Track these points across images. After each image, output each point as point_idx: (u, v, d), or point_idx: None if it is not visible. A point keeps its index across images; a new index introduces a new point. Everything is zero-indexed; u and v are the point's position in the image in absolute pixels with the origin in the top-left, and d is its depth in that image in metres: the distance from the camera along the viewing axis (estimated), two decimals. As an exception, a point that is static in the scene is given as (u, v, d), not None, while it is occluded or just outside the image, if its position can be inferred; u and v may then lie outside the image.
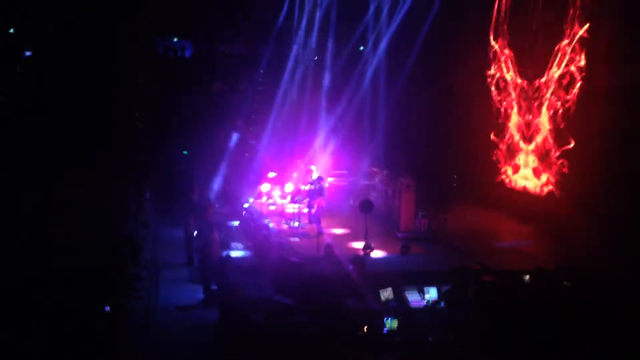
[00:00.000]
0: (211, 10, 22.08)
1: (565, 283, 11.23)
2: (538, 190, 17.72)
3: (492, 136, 19.93)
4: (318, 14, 22.30)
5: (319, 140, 20.59)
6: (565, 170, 16.56)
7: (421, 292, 11.72)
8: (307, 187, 16.49)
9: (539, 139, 17.86)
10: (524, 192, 18.19)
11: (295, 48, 22.38)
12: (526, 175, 18.47)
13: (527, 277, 11.53)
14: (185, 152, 19.99)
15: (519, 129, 18.85)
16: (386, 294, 11.60)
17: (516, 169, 19.06)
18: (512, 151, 19.23)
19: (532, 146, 18.24)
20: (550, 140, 17.27)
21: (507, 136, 19.54)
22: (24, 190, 10.94)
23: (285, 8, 22.91)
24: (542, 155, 17.64)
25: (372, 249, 14.07)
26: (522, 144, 18.82)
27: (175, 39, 22.81)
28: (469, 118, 20.03)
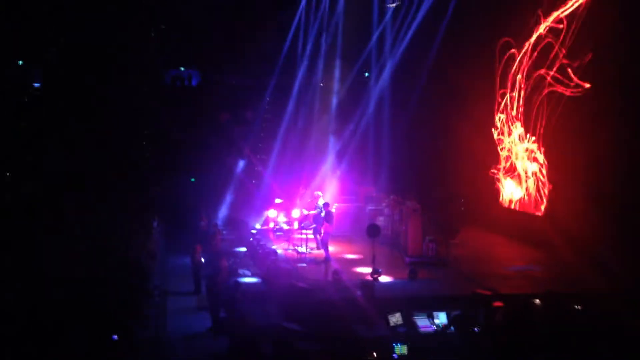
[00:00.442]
0: (218, 41, 22.42)
1: (576, 307, 11.11)
2: (542, 213, 17.82)
3: (498, 165, 20.18)
4: (323, 41, 22.47)
5: (326, 166, 20.74)
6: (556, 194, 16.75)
7: (430, 317, 11.60)
8: (313, 212, 16.56)
9: (536, 166, 18.04)
10: (529, 216, 18.24)
11: (300, 76, 22.58)
12: (531, 198, 18.54)
13: (538, 301, 11.28)
14: (192, 180, 19.95)
15: (526, 151, 18.96)
16: (395, 319, 11.47)
17: (524, 192, 19.14)
18: (515, 176, 19.38)
19: (531, 171, 18.41)
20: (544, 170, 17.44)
21: (508, 162, 19.76)
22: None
23: (290, 37, 23.19)
24: (545, 180, 17.74)
25: (380, 274, 13.91)
26: (522, 170, 18.99)
27: (183, 68, 23.14)
28: (472, 142, 20.22)
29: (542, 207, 17.54)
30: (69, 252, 10.34)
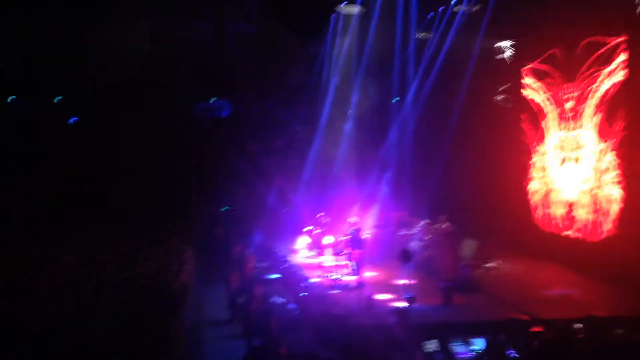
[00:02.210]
0: (247, 73, 22.79)
1: (617, 331, 10.78)
2: (588, 235, 17.34)
3: (532, 184, 19.81)
4: (352, 66, 22.36)
5: (360, 192, 20.68)
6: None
7: (467, 344, 11.29)
8: (345, 238, 16.60)
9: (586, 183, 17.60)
10: (572, 239, 17.83)
11: (329, 102, 22.76)
12: (573, 219, 18.12)
13: (578, 326, 11.05)
14: (225, 209, 20.09)
15: (563, 171, 18.68)
16: (431, 346, 11.21)
17: (562, 214, 18.75)
18: (555, 198, 19.00)
19: (578, 192, 17.92)
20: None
21: (549, 182, 19.38)
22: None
23: (318, 65, 23.44)
24: (590, 202, 17.32)
25: (414, 300, 13.63)
26: (566, 190, 18.56)
27: (212, 100, 23.54)
28: (508, 164, 20.07)
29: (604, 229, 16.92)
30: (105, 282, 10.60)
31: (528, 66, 19.18)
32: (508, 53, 18.95)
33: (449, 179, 20.75)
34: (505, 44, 19.12)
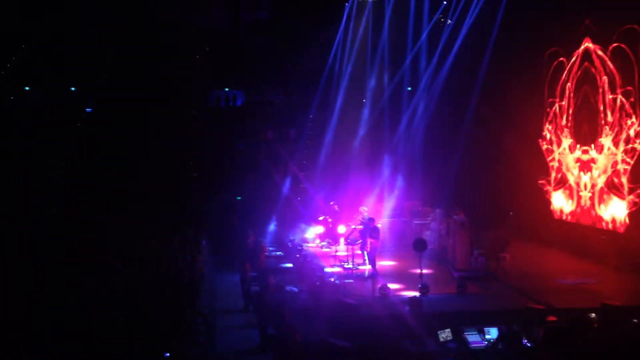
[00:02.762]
0: (261, 61, 22.69)
1: (635, 320, 10.62)
2: (609, 225, 17.05)
3: (549, 177, 19.70)
4: (367, 53, 22.18)
5: (374, 181, 20.47)
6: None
7: (481, 333, 11.09)
8: (359, 227, 16.44)
9: (602, 173, 17.31)
10: (587, 228, 17.66)
11: (343, 89, 22.58)
12: (590, 209, 17.90)
13: (593, 315, 10.67)
14: (239, 198, 20.12)
15: (577, 162, 18.49)
16: (445, 335, 11.09)
17: (577, 204, 18.60)
18: (566, 187, 18.84)
19: (597, 180, 17.66)
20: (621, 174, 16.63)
21: (562, 170, 19.21)
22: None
23: (333, 52, 23.24)
24: (610, 189, 17.08)
25: (428, 289, 13.74)
26: (573, 182, 18.41)
27: (227, 89, 23.52)
28: (521, 153, 19.77)
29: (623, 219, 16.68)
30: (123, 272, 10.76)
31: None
32: None
33: (464, 167, 20.56)
34: None
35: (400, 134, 21.68)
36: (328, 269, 16.09)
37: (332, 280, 14.31)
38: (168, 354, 8.69)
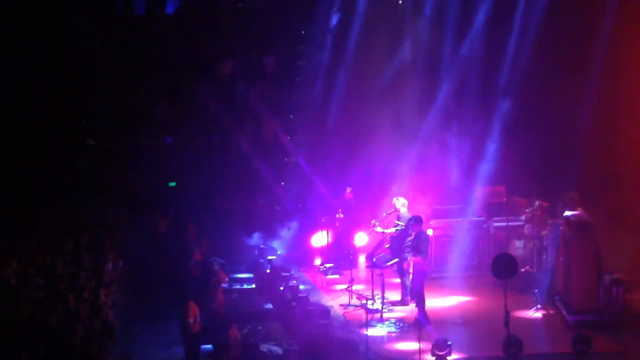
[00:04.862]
0: None
1: None
2: None
3: None
4: None
5: (410, 156, 15.33)
6: None
7: None
8: (392, 232, 12.53)
9: None
10: None
11: None
12: None
13: None
14: (172, 185, 15.07)
15: None
16: None
17: None
18: None
19: None
20: None
21: None
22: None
23: None
24: None
25: (520, 348, 10.47)
26: None
27: None
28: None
29: None
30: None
31: None
32: None
33: (575, 127, 15.06)
34: None
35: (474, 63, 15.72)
36: (336, 312, 12.63)
37: (346, 334, 11.55)
38: None
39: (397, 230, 12.54)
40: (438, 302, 12.95)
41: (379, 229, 12.99)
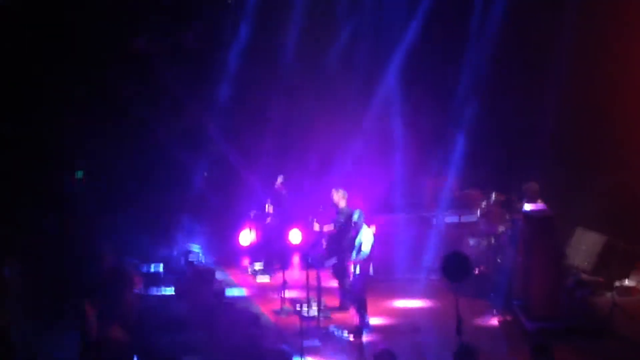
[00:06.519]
0: None
1: None
2: None
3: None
4: None
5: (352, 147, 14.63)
6: None
7: None
8: (330, 229, 11.91)
9: None
10: None
11: None
12: None
13: None
14: (79, 175, 13.93)
15: None
16: None
17: None
18: None
19: None
20: None
21: None
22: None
23: None
24: None
25: (475, 358, 9.02)
26: None
27: None
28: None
29: None
30: None
31: None
32: None
33: (542, 115, 13.77)
34: None
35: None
36: (267, 319, 11.74)
37: (278, 344, 10.57)
38: None
39: (335, 226, 11.73)
40: (381, 307, 12.28)
41: (316, 227, 12.02)
